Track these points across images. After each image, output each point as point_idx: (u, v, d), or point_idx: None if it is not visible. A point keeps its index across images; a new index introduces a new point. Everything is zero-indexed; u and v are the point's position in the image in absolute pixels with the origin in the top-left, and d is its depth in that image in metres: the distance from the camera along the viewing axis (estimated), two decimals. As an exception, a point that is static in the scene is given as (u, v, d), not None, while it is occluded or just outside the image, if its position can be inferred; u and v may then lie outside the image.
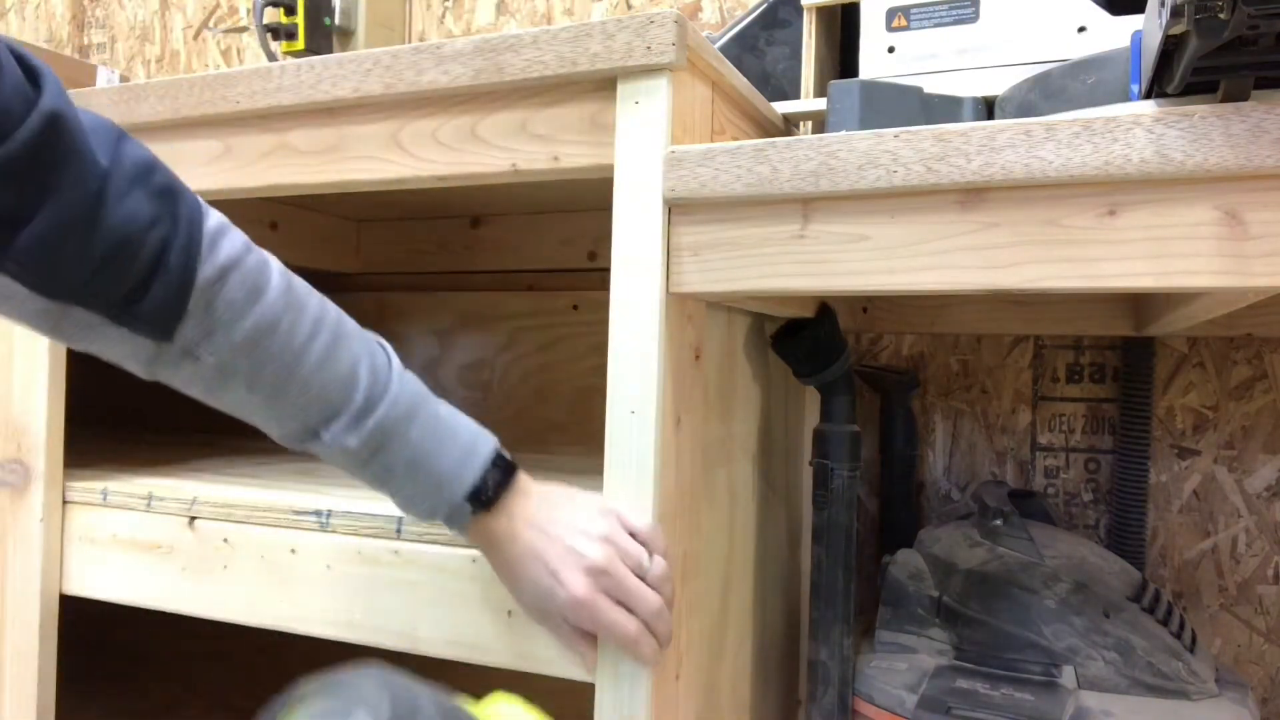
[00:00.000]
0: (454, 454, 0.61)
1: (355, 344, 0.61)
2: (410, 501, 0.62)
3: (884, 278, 0.59)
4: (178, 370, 0.57)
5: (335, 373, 0.59)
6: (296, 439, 0.60)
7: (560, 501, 0.63)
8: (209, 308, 0.55)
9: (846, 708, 0.84)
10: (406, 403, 0.61)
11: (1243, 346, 0.99)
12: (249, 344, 0.56)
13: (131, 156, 0.53)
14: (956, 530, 0.91)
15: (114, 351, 0.56)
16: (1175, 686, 0.75)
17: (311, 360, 0.58)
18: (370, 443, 0.59)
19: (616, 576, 0.59)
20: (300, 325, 0.58)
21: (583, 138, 0.66)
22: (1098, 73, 0.62)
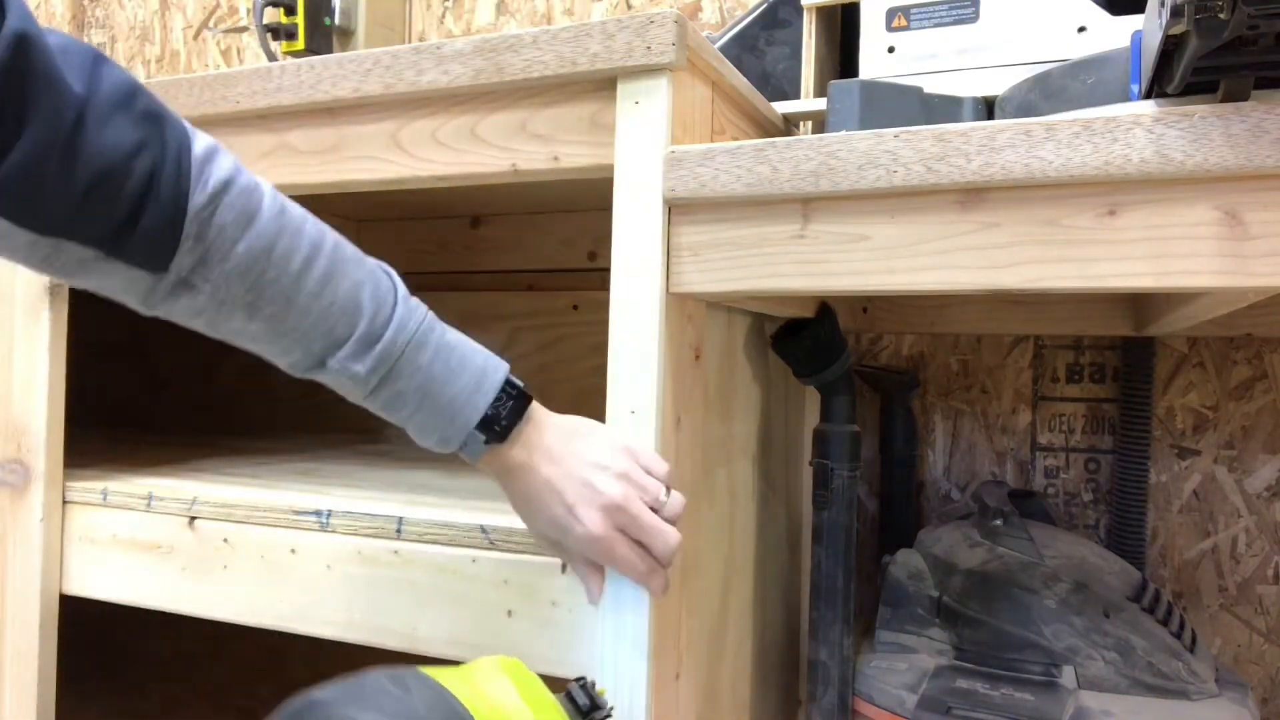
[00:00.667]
0: (466, 381, 0.60)
1: (356, 269, 0.59)
2: (422, 430, 0.61)
3: (884, 278, 0.59)
4: (175, 302, 0.55)
5: (336, 298, 0.57)
6: (303, 368, 0.59)
7: (577, 433, 0.63)
8: (201, 234, 0.53)
9: (846, 708, 0.84)
10: (415, 328, 0.60)
11: (1243, 346, 0.99)
12: (245, 270, 0.55)
13: (111, 80, 0.51)
14: (956, 530, 0.91)
15: (109, 285, 0.54)
16: (1175, 686, 0.75)
17: (310, 285, 0.56)
18: (379, 369, 0.58)
19: (632, 513, 0.59)
20: (296, 249, 0.56)
21: (583, 138, 0.66)
22: (1098, 73, 0.62)
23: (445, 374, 0.60)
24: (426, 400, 0.59)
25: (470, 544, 0.69)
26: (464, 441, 0.61)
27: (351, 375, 0.58)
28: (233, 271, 0.55)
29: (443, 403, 0.59)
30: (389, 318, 0.59)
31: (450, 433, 0.60)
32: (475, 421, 0.60)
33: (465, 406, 0.60)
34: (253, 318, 0.56)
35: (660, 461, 0.62)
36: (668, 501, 0.61)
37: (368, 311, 0.58)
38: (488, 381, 0.61)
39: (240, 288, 0.55)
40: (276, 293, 0.56)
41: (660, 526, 0.60)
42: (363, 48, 1.19)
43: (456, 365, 0.60)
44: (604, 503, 0.59)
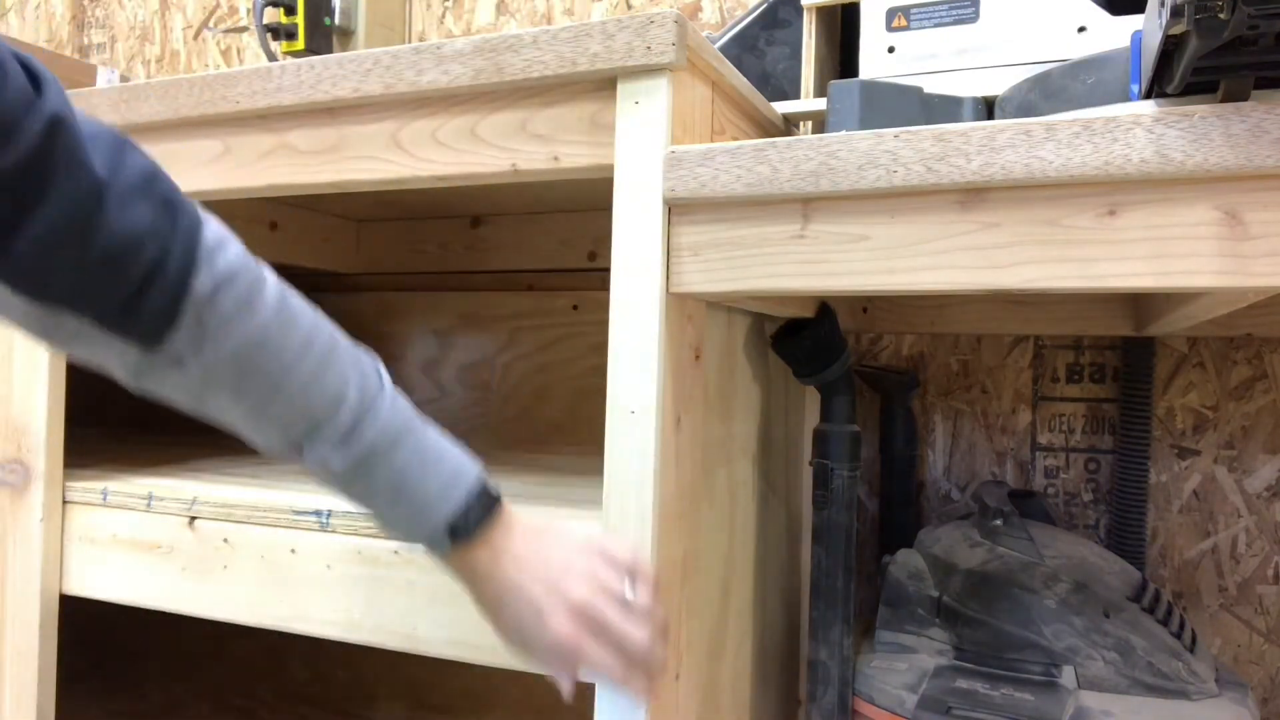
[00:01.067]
0: (437, 481, 0.61)
1: (346, 363, 0.60)
2: (389, 524, 0.62)
3: (884, 278, 0.59)
4: (164, 379, 0.56)
5: (322, 390, 0.58)
6: (279, 450, 0.60)
7: (543, 535, 0.62)
8: (201, 319, 0.54)
9: (846, 708, 0.84)
10: (394, 427, 0.60)
11: (1243, 346, 0.99)
12: (238, 357, 0.56)
13: (134, 165, 0.53)
14: (956, 530, 0.91)
15: (100, 357, 0.55)
16: (1175, 686, 0.75)
17: (300, 376, 0.58)
18: (353, 464, 0.59)
19: (600, 616, 0.59)
20: (291, 341, 0.58)
21: (583, 138, 0.66)
22: (1098, 73, 0.62)
23: (419, 473, 0.60)
24: (399, 497, 0.60)
25: (470, 544, 0.69)
26: (430, 540, 0.61)
27: (326, 465, 0.59)
28: (226, 357, 0.56)
29: (414, 501, 0.60)
30: (371, 413, 0.60)
31: (414, 529, 0.61)
32: (443, 522, 0.60)
33: (436, 504, 0.60)
34: (239, 401, 0.57)
35: (630, 556, 0.61)
36: (635, 598, 0.60)
37: (351, 405, 0.59)
38: (460, 483, 0.61)
39: (231, 373, 0.56)
40: (265, 380, 0.57)
41: (628, 629, 0.59)
42: (363, 48, 1.19)
43: (431, 466, 0.61)
44: (570, 605, 0.58)
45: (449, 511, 0.60)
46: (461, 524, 0.60)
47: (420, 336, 1.33)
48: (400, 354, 1.34)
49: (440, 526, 0.60)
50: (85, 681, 1.34)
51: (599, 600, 0.59)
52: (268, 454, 0.61)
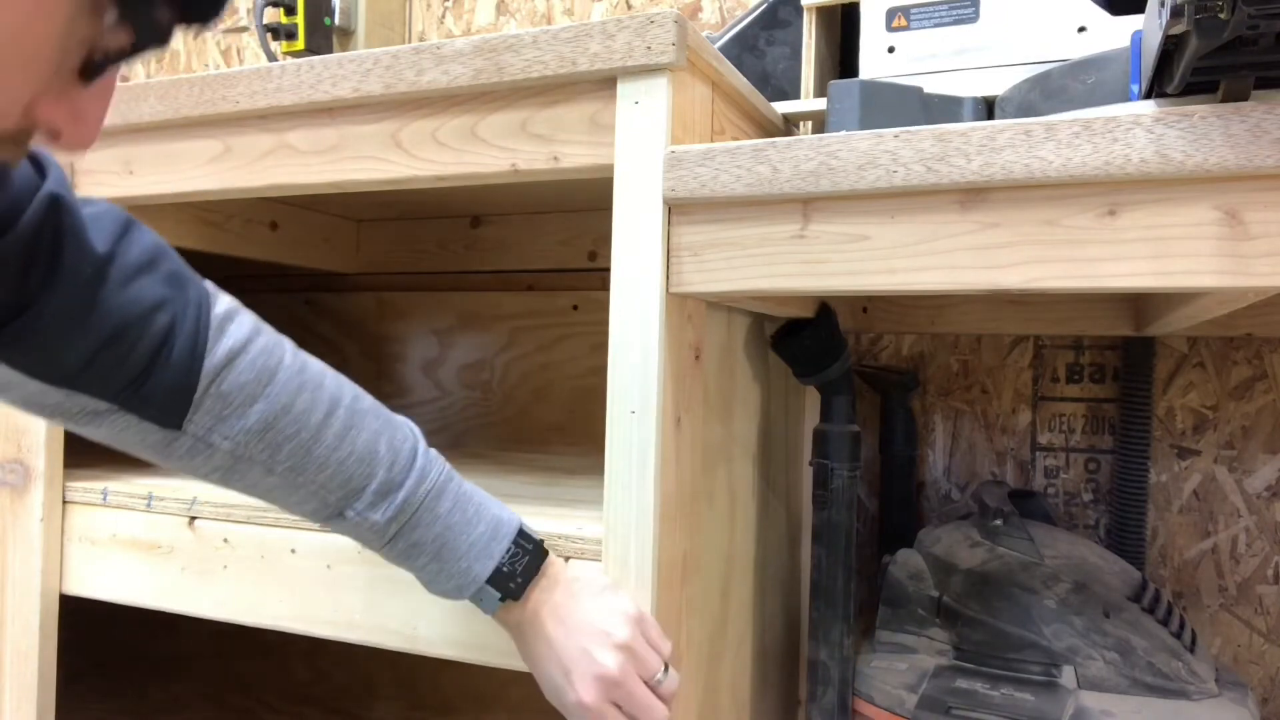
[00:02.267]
0: (482, 530, 0.61)
1: (373, 420, 0.60)
2: (436, 577, 0.61)
3: (884, 278, 0.59)
4: (192, 458, 0.56)
5: (354, 449, 0.58)
6: (320, 517, 0.60)
7: (587, 591, 0.62)
8: (219, 393, 0.54)
9: (846, 708, 0.84)
10: (435, 477, 0.60)
11: (1243, 346, 0.99)
12: (263, 427, 0.56)
13: (139, 243, 0.53)
14: (956, 530, 0.91)
15: (124, 439, 0.55)
16: (1175, 686, 0.75)
17: (328, 439, 0.57)
18: (399, 518, 0.59)
19: (628, 689, 0.59)
20: (316, 405, 0.57)
21: (583, 138, 0.66)
22: (1098, 73, 0.62)
23: (462, 523, 0.60)
24: (444, 549, 0.60)
25: (470, 544, 0.69)
26: (479, 594, 0.61)
27: (370, 525, 0.59)
28: (252, 429, 0.55)
29: (459, 552, 0.60)
30: (408, 467, 0.60)
31: (465, 581, 0.60)
32: (490, 570, 0.60)
33: (481, 555, 0.60)
34: (271, 472, 0.57)
35: (665, 639, 0.62)
36: (664, 679, 0.61)
37: (384, 461, 0.59)
38: (502, 531, 0.61)
39: (259, 444, 0.56)
40: (295, 448, 0.57)
41: (652, 704, 0.60)
42: (363, 48, 1.19)
43: (473, 515, 0.61)
44: (599, 673, 0.58)
45: (496, 556, 0.60)
46: (510, 577, 0.61)
47: (420, 336, 1.33)
48: (400, 354, 1.34)
49: (488, 573, 0.60)
50: (85, 681, 1.34)
51: (628, 673, 0.59)
52: (309, 520, 0.61)
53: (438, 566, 0.60)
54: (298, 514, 0.60)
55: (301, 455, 0.57)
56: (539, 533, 0.64)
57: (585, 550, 0.67)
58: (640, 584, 0.63)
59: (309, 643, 0.76)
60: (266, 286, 1.42)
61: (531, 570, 0.61)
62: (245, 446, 0.56)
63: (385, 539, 0.60)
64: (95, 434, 0.55)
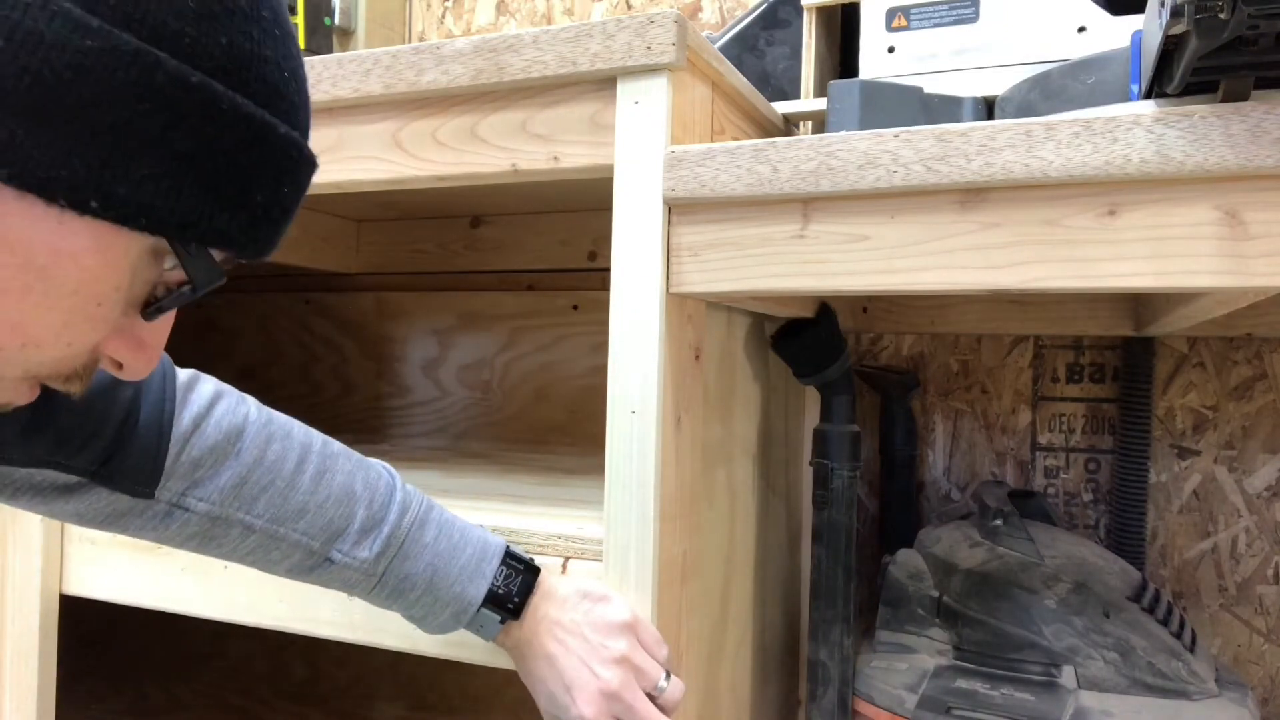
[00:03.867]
0: (471, 553, 0.60)
1: (345, 462, 0.60)
2: (433, 609, 0.61)
3: (884, 278, 0.59)
4: (168, 525, 0.56)
5: (331, 492, 0.58)
6: (306, 568, 0.59)
7: (583, 602, 0.62)
8: (190, 459, 0.54)
9: (846, 708, 0.84)
10: (417, 508, 0.60)
11: (1243, 346, 0.99)
12: (237, 483, 0.56)
13: None
14: (956, 530, 0.91)
15: (94, 512, 0.55)
16: (1175, 686, 0.75)
17: (304, 485, 0.57)
18: (387, 552, 0.59)
19: (628, 701, 0.59)
20: (288, 454, 0.57)
21: (583, 138, 0.66)
22: (1098, 73, 0.62)
23: (450, 550, 0.60)
24: (435, 578, 0.60)
25: (470, 544, 0.69)
26: (476, 619, 0.61)
27: (359, 564, 0.58)
28: (226, 486, 0.55)
29: (450, 577, 0.60)
30: (388, 501, 0.60)
31: (460, 607, 0.60)
32: (484, 591, 0.60)
33: (474, 576, 0.60)
34: (250, 530, 0.57)
35: (662, 643, 0.62)
36: (667, 687, 0.61)
37: (363, 499, 0.59)
38: (489, 552, 0.61)
39: (235, 502, 0.56)
40: (272, 497, 0.57)
41: (654, 716, 0.59)
42: (363, 48, 1.19)
43: (459, 540, 0.61)
44: (600, 688, 0.58)
45: (489, 574, 0.60)
46: (506, 598, 0.60)
47: (420, 336, 1.33)
48: (400, 354, 1.34)
49: (483, 593, 0.60)
50: (85, 681, 1.34)
51: (629, 692, 0.58)
52: (295, 578, 0.60)
53: (431, 598, 0.60)
54: (283, 573, 0.59)
55: (279, 504, 0.57)
56: (539, 533, 0.64)
57: (585, 550, 0.67)
58: (640, 584, 0.63)
59: (309, 643, 0.76)
60: (266, 286, 1.42)
61: (527, 588, 0.61)
62: (221, 506, 0.56)
63: (375, 577, 0.59)
64: (63, 510, 0.54)
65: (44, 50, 0.30)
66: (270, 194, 0.37)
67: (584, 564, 0.66)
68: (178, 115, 0.33)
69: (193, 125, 0.34)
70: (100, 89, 0.31)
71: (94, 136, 0.32)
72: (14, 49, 0.30)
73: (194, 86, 0.33)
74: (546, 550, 0.68)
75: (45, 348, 0.35)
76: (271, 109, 0.37)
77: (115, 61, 0.31)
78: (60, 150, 0.31)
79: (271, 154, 0.37)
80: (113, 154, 0.32)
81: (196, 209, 0.35)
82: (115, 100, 0.32)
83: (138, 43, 0.32)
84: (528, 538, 0.68)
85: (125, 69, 0.32)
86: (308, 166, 0.39)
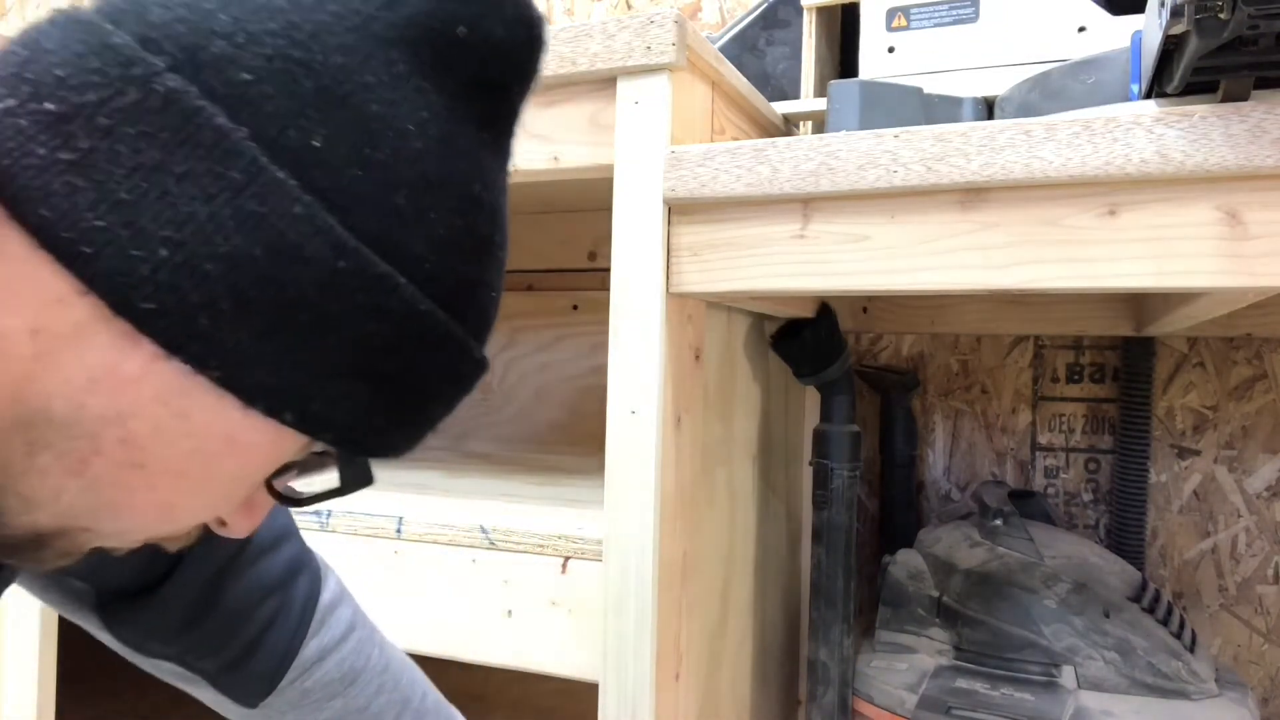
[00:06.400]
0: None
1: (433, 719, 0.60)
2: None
3: (884, 278, 0.59)
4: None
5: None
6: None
7: None
8: (302, 688, 0.54)
9: (846, 708, 0.84)
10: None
11: (1243, 346, 0.99)
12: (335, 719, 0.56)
13: (271, 519, 0.52)
14: (956, 530, 0.91)
15: (195, 694, 0.55)
16: (1175, 686, 0.75)
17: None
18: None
19: None
20: (386, 712, 0.57)
21: (583, 138, 0.66)
22: (1098, 73, 0.62)
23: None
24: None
25: (470, 544, 0.69)
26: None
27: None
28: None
29: None
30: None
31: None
32: None
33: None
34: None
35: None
36: None
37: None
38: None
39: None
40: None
41: None
42: (363, 48, 1.19)
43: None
44: None
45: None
46: None
47: (420, 336, 1.33)
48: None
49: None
50: (85, 681, 1.34)
51: None
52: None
53: None
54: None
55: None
56: (539, 533, 0.64)
57: (585, 550, 0.67)
58: (640, 584, 0.63)
59: (309, 643, 0.76)
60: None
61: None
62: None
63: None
64: (171, 681, 0.55)
65: (299, 266, 0.30)
66: (446, 409, 0.37)
67: (584, 564, 0.66)
68: (396, 339, 0.32)
69: (405, 350, 0.33)
70: (337, 308, 0.31)
71: (313, 352, 0.31)
72: (270, 259, 0.29)
73: (420, 314, 0.33)
74: (546, 550, 0.68)
75: (181, 524, 0.35)
76: (477, 335, 0.36)
77: (359, 283, 0.31)
78: (276, 361, 0.31)
79: (465, 377, 0.36)
80: (323, 370, 0.31)
81: (378, 426, 0.34)
82: (346, 320, 0.31)
83: (385, 266, 0.31)
84: (528, 538, 0.68)
85: (366, 291, 0.31)
86: (481, 378, 0.39)
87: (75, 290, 0.29)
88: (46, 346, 0.29)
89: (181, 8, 0.30)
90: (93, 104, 0.29)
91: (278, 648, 0.52)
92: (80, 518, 0.33)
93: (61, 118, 0.28)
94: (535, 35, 0.36)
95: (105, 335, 0.30)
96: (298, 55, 0.30)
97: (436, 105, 0.33)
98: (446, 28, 0.33)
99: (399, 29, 0.32)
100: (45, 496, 0.32)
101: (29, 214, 0.28)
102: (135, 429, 0.31)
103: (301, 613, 0.53)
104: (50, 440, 0.30)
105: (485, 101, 0.35)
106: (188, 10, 0.30)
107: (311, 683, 0.54)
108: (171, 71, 0.29)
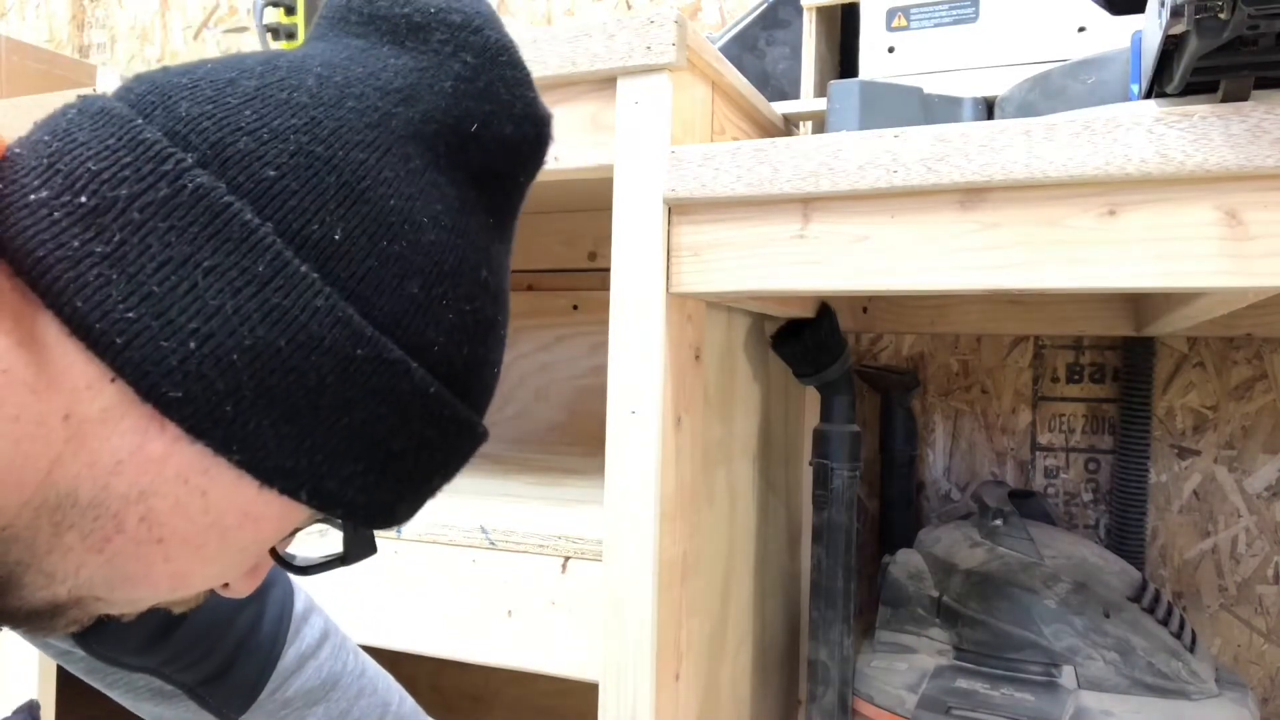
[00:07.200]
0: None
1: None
2: None
3: (884, 278, 0.59)
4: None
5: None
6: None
7: None
8: (283, 697, 0.54)
9: (846, 708, 0.84)
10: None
11: (1243, 346, 0.99)
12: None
13: None
14: (956, 530, 0.91)
15: (174, 715, 0.55)
16: (1175, 686, 0.75)
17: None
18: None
19: None
20: (370, 712, 0.58)
21: (583, 138, 0.66)
22: (1098, 73, 0.62)
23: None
24: None
25: (470, 544, 0.69)
26: None
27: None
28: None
29: None
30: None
31: None
32: None
33: None
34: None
35: None
36: None
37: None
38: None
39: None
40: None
41: None
42: (363, 48, 1.19)
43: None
44: None
45: None
46: None
47: (420, 336, 1.33)
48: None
49: None
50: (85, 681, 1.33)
51: None
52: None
53: None
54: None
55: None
56: (539, 533, 0.64)
57: (585, 550, 0.67)
58: (640, 584, 0.63)
59: (309, 643, 0.76)
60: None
61: None
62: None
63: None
64: (150, 712, 0.55)
65: (319, 355, 0.31)
66: (446, 479, 0.39)
67: (584, 564, 0.66)
68: (406, 420, 0.34)
69: (414, 429, 0.34)
70: (353, 394, 0.32)
71: (329, 436, 0.32)
72: (292, 350, 0.31)
73: (430, 396, 0.34)
74: (546, 550, 0.68)
75: (192, 591, 0.36)
76: (479, 410, 0.38)
77: (374, 369, 0.32)
78: (294, 445, 0.32)
79: (466, 450, 0.38)
80: (338, 452, 0.33)
81: (385, 501, 0.36)
82: (360, 404, 0.32)
83: (399, 352, 0.33)
84: (528, 538, 0.68)
85: (380, 376, 0.32)
86: (480, 448, 0.40)
87: (105, 377, 0.30)
88: (76, 430, 0.30)
89: (208, 103, 0.31)
90: (125, 198, 0.30)
91: (257, 656, 0.53)
92: (96, 589, 0.34)
93: (95, 211, 0.29)
94: (542, 132, 0.40)
95: (132, 419, 0.31)
96: (320, 151, 0.32)
97: (449, 197, 0.35)
98: (461, 125, 0.35)
99: (416, 125, 0.34)
100: (67, 572, 0.32)
101: (63, 304, 0.29)
102: (156, 506, 0.32)
103: (278, 620, 0.54)
104: (74, 520, 0.31)
105: (493, 192, 0.37)
106: (214, 105, 0.31)
107: (292, 691, 0.55)
108: (200, 167, 0.30)
